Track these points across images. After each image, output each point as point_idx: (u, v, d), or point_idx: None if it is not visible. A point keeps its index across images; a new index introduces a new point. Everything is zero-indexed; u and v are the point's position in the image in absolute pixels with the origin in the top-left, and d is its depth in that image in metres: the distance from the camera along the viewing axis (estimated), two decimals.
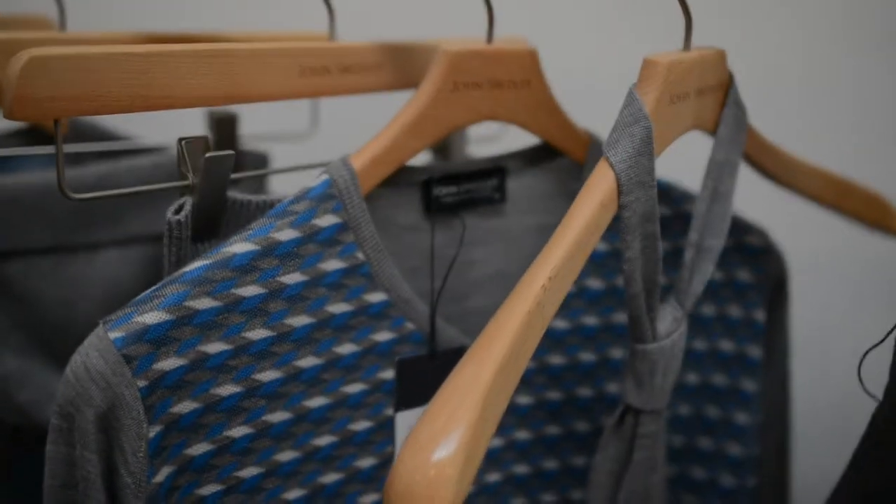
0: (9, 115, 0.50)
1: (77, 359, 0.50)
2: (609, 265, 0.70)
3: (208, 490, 0.56)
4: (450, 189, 0.64)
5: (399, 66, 0.66)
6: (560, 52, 0.77)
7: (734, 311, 0.73)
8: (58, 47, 0.51)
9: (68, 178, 0.66)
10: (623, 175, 0.54)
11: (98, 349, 0.50)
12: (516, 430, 0.70)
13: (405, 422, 0.63)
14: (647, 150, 0.55)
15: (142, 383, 0.50)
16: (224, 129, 0.76)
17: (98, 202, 0.69)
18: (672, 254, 0.69)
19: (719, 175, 0.61)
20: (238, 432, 0.56)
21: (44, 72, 0.50)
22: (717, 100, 0.61)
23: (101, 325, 0.50)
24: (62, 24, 0.72)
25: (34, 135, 0.77)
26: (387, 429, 0.63)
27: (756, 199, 0.76)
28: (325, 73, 0.62)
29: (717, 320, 0.74)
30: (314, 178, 0.58)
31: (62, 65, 0.51)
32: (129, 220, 0.72)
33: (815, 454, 0.85)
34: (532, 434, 0.70)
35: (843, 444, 0.58)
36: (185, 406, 0.53)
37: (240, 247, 0.54)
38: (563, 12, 1.05)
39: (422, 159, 0.73)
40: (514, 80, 0.64)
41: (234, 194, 0.59)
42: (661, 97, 0.56)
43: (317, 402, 0.59)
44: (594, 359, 0.71)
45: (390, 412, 0.63)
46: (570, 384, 0.71)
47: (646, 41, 0.68)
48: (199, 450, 0.55)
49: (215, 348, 0.54)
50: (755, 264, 0.73)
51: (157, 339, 0.51)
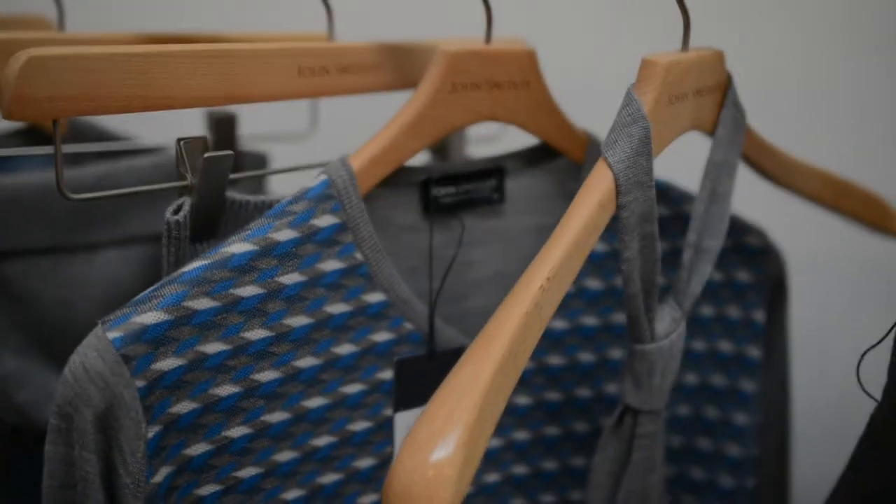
0: (7, 116, 0.50)
1: (76, 359, 0.50)
2: (608, 265, 0.70)
3: (207, 490, 0.56)
4: (448, 189, 0.64)
5: (398, 66, 0.66)
6: (559, 52, 0.77)
7: (733, 312, 0.73)
8: (56, 47, 0.51)
9: (67, 179, 0.66)
10: (621, 175, 0.54)
11: (97, 349, 0.50)
12: (515, 430, 0.69)
13: (404, 422, 0.63)
14: (645, 151, 0.55)
15: (140, 383, 0.50)
16: (223, 129, 0.76)
17: (97, 202, 0.69)
18: (671, 254, 0.69)
19: (717, 176, 0.61)
20: (237, 432, 0.56)
21: (42, 72, 0.50)
22: (716, 101, 0.61)
23: (99, 325, 0.50)
24: (61, 25, 0.72)
25: (33, 135, 0.77)
26: (386, 429, 0.63)
27: (755, 200, 0.76)
28: (324, 73, 0.62)
29: (716, 321, 0.74)
30: (313, 179, 0.58)
31: (61, 65, 0.51)
32: (129, 221, 0.72)
33: (814, 454, 0.85)
34: (531, 434, 0.70)
35: (841, 444, 0.58)
36: (184, 406, 0.53)
37: (238, 247, 0.54)
38: (562, 12, 1.05)
39: (421, 159, 0.73)
40: (512, 80, 0.64)
41: (232, 194, 0.59)
42: (659, 98, 0.56)
43: (315, 402, 0.59)
44: (593, 359, 0.71)
45: (389, 412, 0.63)
46: (569, 385, 0.71)
47: (644, 41, 0.68)
48: (197, 450, 0.55)
49: (214, 348, 0.54)
50: (754, 265, 0.73)
51: (155, 339, 0.51)
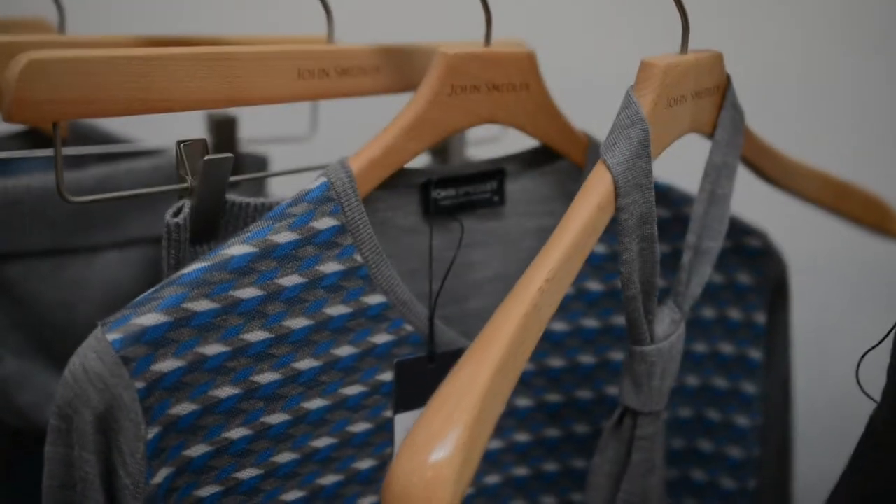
0: (7, 118, 0.50)
1: (75, 360, 0.50)
2: (608, 267, 0.70)
3: (207, 491, 0.56)
4: (448, 191, 0.64)
5: (397, 68, 0.66)
6: (559, 52, 0.77)
7: (734, 314, 0.73)
8: (57, 50, 0.51)
9: (68, 181, 0.67)
10: (620, 177, 0.54)
11: (96, 351, 0.50)
12: (516, 432, 0.69)
13: (404, 424, 0.63)
14: (644, 153, 0.55)
15: (140, 385, 0.50)
16: (223, 131, 0.76)
17: (97, 205, 0.69)
18: (672, 256, 0.69)
19: (717, 178, 0.61)
20: (236, 434, 0.56)
21: (42, 75, 0.50)
22: (715, 102, 0.61)
23: (99, 327, 0.50)
24: (61, 27, 0.72)
25: (34, 137, 0.78)
26: (386, 430, 0.63)
27: (754, 202, 0.75)
28: (324, 76, 0.62)
29: (717, 323, 0.73)
30: (312, 181, 0.58)
31: (61, 68, 0.51)
32: (129, 223, 0.72)
33: (814, 455, 0.85)
34: (532, 436, 0.70)
35: (841, 445, 0.58)
36: (184, 408, 0.53)
37: (238, 249, 0.54)
38: (562, 12, 1.05)
39: (421, 161, 0.73)
40: (512, 82, 0.64)
41: (232, 197, 0.59)
42: (658, 100, 0.56)
43: (315, 403, 0.59)
44: (593, 361, 0.71)
45: (389, 414, 0.63)
46: (570, 386, 0.71)
47: (644, 41, 0.68)
48: (197, 451, 0.55)
49: (213, 350, 0.54)
50: (755, 266, 0.73)
51: (155, 340, 0.51)
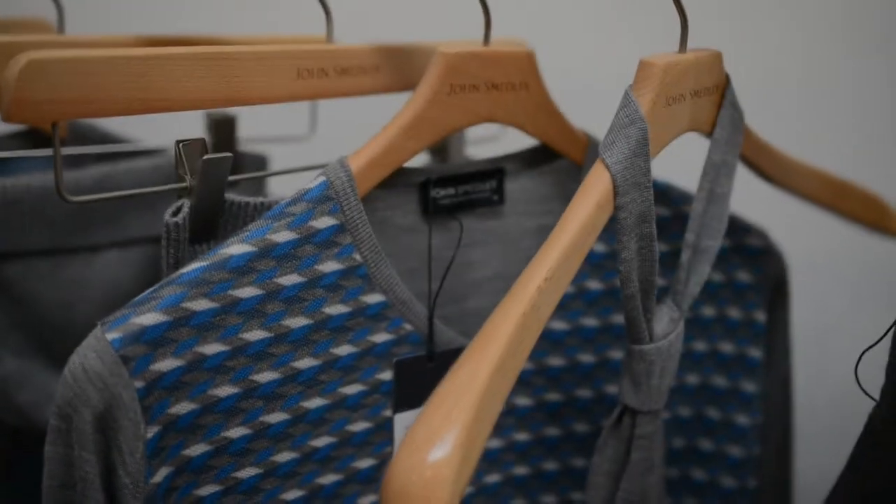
0: (7, 118, 0.50)
1: (75, 360, 0.50)
2: (608, 266, 0.70)
3: (206, 491, 0.56)
4: (448, 191, 0.64)
5: (396, 68, 0.66)
6: (558, 51, 0.77)
7: (734, 313, 0.73)
8: (56, 50, 0.51)
9: (67, 181, 0.67)
10: (619, 176, 0.54)
11: (96, 350, 0.50)
12: (516, 431, 0.69)
13: (403, 423, 0.63)
14: (642, 152, 0.55)
15: (139, 384, 0.50)
16: (222, 131, 0.76)
17: (97, 204, 0.69)
18: (671, 255, 0.69)
19: (716, 176, 0.61)
20: (236, 433, 0.56)
21: (42, 75, 0.50)
22: (714, 101, 0.61)
23: (98, 327, 0.51)
24: (60, 27, 0.73)
25: (34, 137, 0.78)
26: (385, 430, 0.63)
27: (754, 200, 0.75)
28: (323, 75, 0.62)
29: (716, 322, 0.73)
30: (311, 180, 0.58)
31: (60, 68, 0.51)
32: (128, 222, 0.72)
33: (814, 454, 0.85)
34: (531, 435, 0.70)
35: (841, 443, 0.58)
36: (183, 407, 0.53)
37: (237, 248, 0.54)
38: (562, 12, 1.05)
39: (420, 161, 0.73)
40: (511, 82, 0.64)
41: (231, 196, 0.59)
42: (657, 99, 0.56)
43: (314, 402, 0.59)
44: (593, 360, 0.71)
45: (389, 413, 0.63)
46: (570, 385, 0.71)
47: (644, 41, 0.68)
48: (197, 450, 0.55)
49: (213, 349, 0.54)
50: (755, 265, 0.73)
51: (154, 340, 0.51)
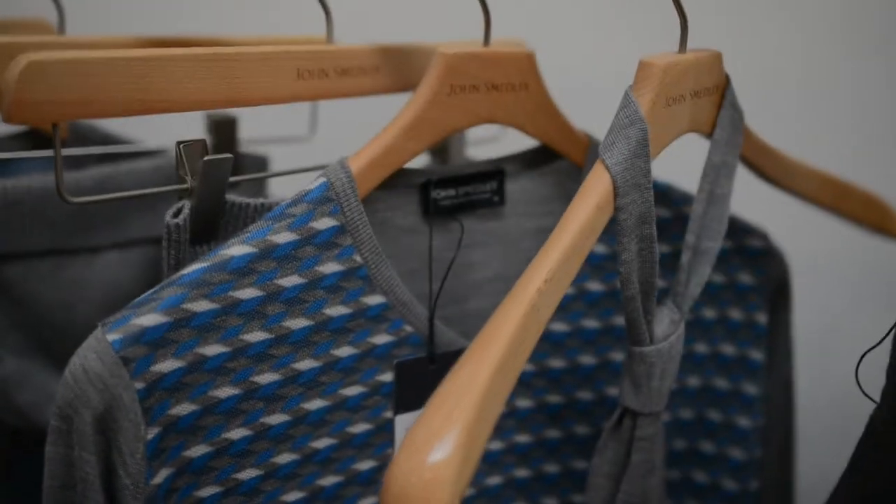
0: (7, 119, 0.50)
1: (75, 361, 0.50)
2: (608, 268, 0.70)
3: (207, 492, 0.56)
4: (448, 192, 0.64)
5: (397, 68, 0.66)
6: (558, 51, 0.77)
7: (735, 314, 0.73)
8: (56, 51, 0.51)
9: (68, 182, 0.67)
10: (619, 177, 0.54)
11: (96, 351, 0.50)
12: (517, 433, 0.69)
13: (404, 424, 0.63)
14: (642, 153, 0.55)
15: (139, 385, 0.50)
16: (223, 132, 0.76)
17: (98, 205, 0.69)
18: (672, 256, 0.69)
19: (716, 177, 0.61)
20: (236, 434, 0.56)
21: (42, 76, 0.50)
22: (714, 102, 0.61)
23: (99, 328, 0.51)
24: (61, 28, 0.73)
25: (34, 138, 0.77)
26: (386, 431, 0.63)
27: (755, 202, 0.75)
28: (323, 76, 0.62)
29: (718, 323, 0.73)
30: (312, 181, 0.58)
31: (60, 69, 0.51)
32: (129, 223, 0.72)
33: (815, 455, 0.85)
34: (532, 437, 0.70)
35: (842, 445, 0.58)
36: (184, 408, 0.53)
37: (237, 249, 0.54)
38: (562, 11, 1.05)
39: (420, 161, 0.73)
40: (511, 82, 0.64)
41: (232, 197, 0.59)
42: (656, 99, 0.56)
43: (315, 404, 0.59)
44: (594, 362, 0.71)
45: (389, 415, 0.63)
46: (571, 387, 0.71)
47: (644, 41, 0.68)
48: (197, 452, 0.55)
49: (213, 350, 0.54)
50: (756, 266, 0.72)
51: (154, 341, 0.51)
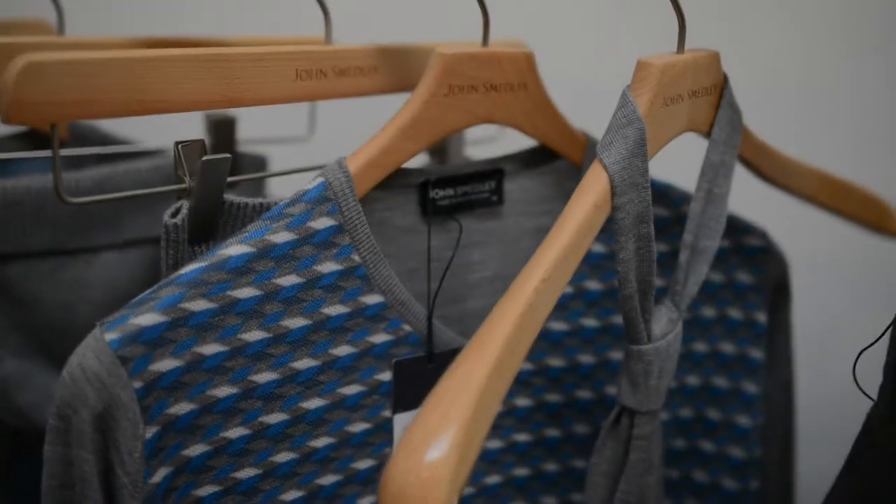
0: (6, 120, 0.50)
1: (74, 360, 0.50)
2: (607, 267, 0.70)
3: (205, 491, 0.56)
4: (447, 191, 0.64)
5: (395, 69, 0.66)
6: (558, 51, 0.77)
7: (735, 313, 0.73)
8: (55, 52, 0.52)
9: (67, 182, 0.67)
10: (616, 177, 0.54)
11: (94, 350, 0.50)
12: (516, 432, 0.69)
13: (403, 424, 0.63)
14: (640, 152, 0.55)
15: (138, 384, 0.51)
16: (222, 132, 0.76)
17: (97, 205, 0.69)
18: (671, 255, 0.69)
19: (714, 177, 0.61)
20: (235, 433, 0.56)
21: (40, 77, 0.50)
22: (712, 102, 0.61)
23: (97, 327, 0.51)
24: (60, 29, 0.73)
25: (34, 138, 0.78)
26: (385, 430, 0.63)
27: (754, 201, 0.75)
28: (322, 76, 0.62)
29: (717, 322, 0.73)
30: (310, 181, 0.58)
31: (59, 70, 0.51)
32: (128, 223, 0.72)
33: (813, 453, 0.85)
34: (532, 436, 0.70)
35: (841, 443, 0.58)
36: (182, 407, 0.53)
37: (235, 249, 0.54)
38: (562, 12, 1.05)
39: (419, 161, 0.73)
40: (510, 82, 0.64)
41: (230, 197, 0.59)
42: (654, 99, 0.56)
43: (313, 403, 0.59)
44: (593, 361, 0.71)
45: (388, 414, 0.63)
46: (570, 386, 0.71)
47: (644, 42, 0.68)
48: (196, 451, 0.55)
49: (211, 350, 0.54)
50: (755, 265, 0.72)
51: (152, 340, 0.51)
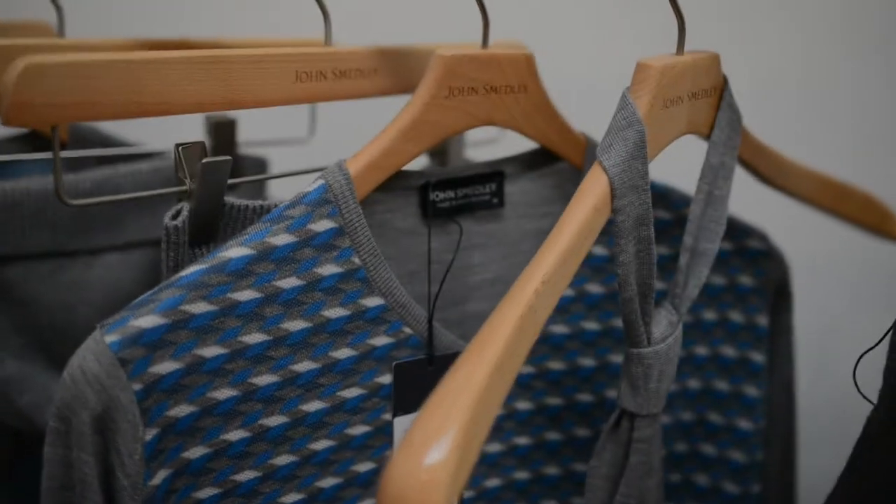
0: (5, 122, 0.50)
1: (74, 362, 0.50)
2: (608, 270, 0.70)
3: (205, 493, 0.56)
4: (447, 194, 0.64)
5: (395, 70, 0.66)
6: (559, 52, 0.77)
7: (736, 316, 0.73)
8: (54, 55, 0.52)
9: (67, 184, 0.67)
10: (616, 179, 0.54)
11: (94, 352, 0.50)
12: (516, 435, 0.69)
13: (403, 426, 0.63)
14: (640, 154, 0.55)
15: (137, 386, 0.51)
16: (222, 134, 0.76)
17: (97, 207, 0.69)
18: (672, 258, 0.69)
19: (714, 179, 0.61)
20: (235, 436, 0.56)
21: (40, 79, 0.50)
22: (711, 103, 0.61)
23: (97, 329, 0.51)
24: (61, 30, 0.73)
25: (35, 140, 0.78)
26: (385, 433, 0.63)
27: (754, 203, 0.75)
28: (322, 78, 0.62)
29: (718, 325, 0.73)
30: (310, 184, 0.58)
31: (58, 72, 0.51)
32: (129, 225, 0.72)
33: (814, 456, 0.85)
34: (532, 440, 0.70)
35: (841, 443, 0.58)
36: (182, 409, 0.53)
37: (235, 251, 0.54)
38: (563, 12, 1.05)
39: (420, 163, 0.73)
40: (510, 84, 0.64)
41: (231, 199, 0.59)
42: (654, 101, 0.56)
43: (314, 406, 0.59)
44: (594, 364, 0.71)
45: (388, 417, 0.63)
46: (570, 389, 0.71)
47: (645, 43, 0.68)
48: (195, 453, 0.55)
49: (211, 352, 0.54)
50: (756, 268, 0.72)
51: (152, 342, 0.51)
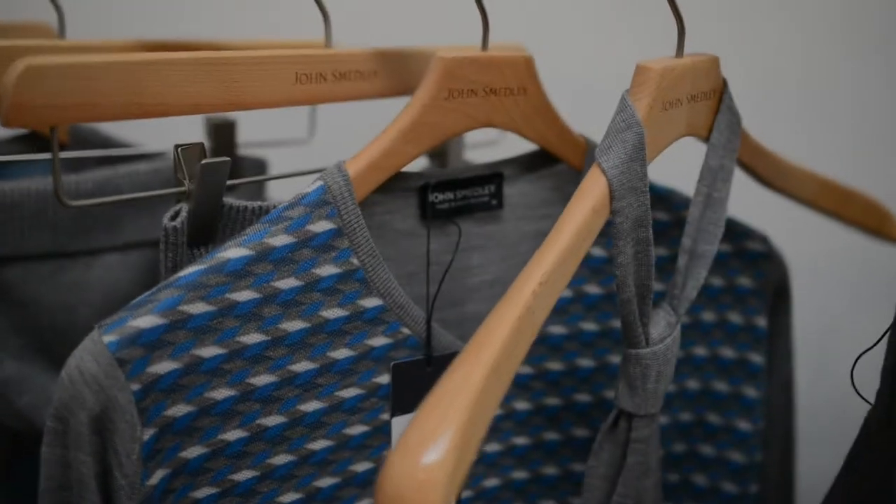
0: (5, 123, 0.51)
1: (72, 362, 0.50)
2: (607, 271, 0.70)
3: (203, 493, 0.56)
4: (446, 195, 0.64)
5: (395, 72, 0.67)
6: (559, 55, 0.78)
7: (735, 318, 0.73)
8: (54, 56, 0.52)
9: (67, 184, 0.67)
10: (615, 181, 0.54)
11: (92, 353, 0.50)
12: (514, 435, 0.70)
13: (401, 427, 0.63)
14: (639, 156, 0.55)
15: (135, 386, 0.51)
16: (222, 135, 0.76)
17: (97, 208, 0.69)
18: (671, 259, 0.68)
19: (713, 181, 0.61)
20: (232, 436, 0.56)
21: (40, 80, 0.51)
22: (711, 106, 0.61)
23: (96, 329, 0.51)
24: (61, 31, 0.73)
25: (35, 141, 0.78)
26: (383, 433, 0.63)
27: (754, 204, 0.75)
28: (321, 80, 0.62)
29: (717, 327, 0.73)
30: (309, 185, 0.58)
31: (58, 73, 0.51)
32: (128, 226, 0.72)
33: (813, 456, 0.85)
34: (530, 440, 0.70)
35: (840, 443, 0.58)
36: (180, 409, 0.54)
37: (234, 252, 0.55)
38: (562, 16, 1.05)
39: (419, 165, 0.73)
40: (509, 86, 0.64)
41: (229, 200, 0.59)
42: (653, 103, 0.56)
43: (312, 406, 0.59)
44: (592, 364, 0.71)
45: (386, 417, 0.63)
46: (569, 390, 0.71)
47: (645, 44, 0.68)
48: (193, 453, 0.55)
49: (209, 352, 0.54)
50: (755, 270, 0.72)
51: (150, 342, 0.51)
